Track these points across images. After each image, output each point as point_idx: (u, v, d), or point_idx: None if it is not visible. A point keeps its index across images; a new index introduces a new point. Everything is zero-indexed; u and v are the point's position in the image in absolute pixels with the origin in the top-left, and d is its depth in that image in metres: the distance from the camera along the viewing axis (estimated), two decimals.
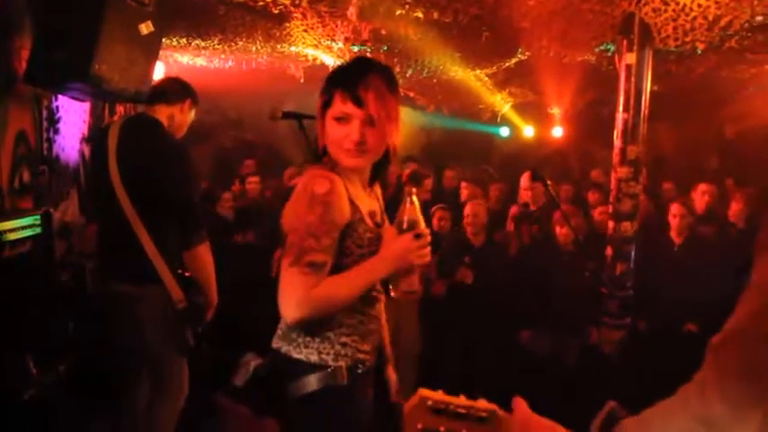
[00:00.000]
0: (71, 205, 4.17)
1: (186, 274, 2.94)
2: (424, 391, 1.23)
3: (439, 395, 1.22)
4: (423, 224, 1.91)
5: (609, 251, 4.90)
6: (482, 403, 1.23)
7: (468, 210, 5.12)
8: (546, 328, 4.86)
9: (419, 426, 1.20)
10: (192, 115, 3.21)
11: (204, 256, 2.92)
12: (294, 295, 1.70)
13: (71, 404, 3.15)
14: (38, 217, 3.16)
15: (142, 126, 3.08)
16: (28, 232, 3.08)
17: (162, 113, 3.07)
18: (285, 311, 1.72)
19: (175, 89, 3.17)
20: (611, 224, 4.91)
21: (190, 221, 2.88)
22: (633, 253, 4.85)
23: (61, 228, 3.80)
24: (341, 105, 1.81)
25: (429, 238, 1.91)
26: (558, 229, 5.07)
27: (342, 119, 1.81)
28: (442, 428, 1.20)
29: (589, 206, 6.43)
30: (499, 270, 4.89)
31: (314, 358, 1.84)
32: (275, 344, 1.90)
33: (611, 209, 4.95)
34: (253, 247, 5.22)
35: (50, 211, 3.31)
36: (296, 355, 1.84)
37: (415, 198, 1.92)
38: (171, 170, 2.87)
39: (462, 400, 1.22)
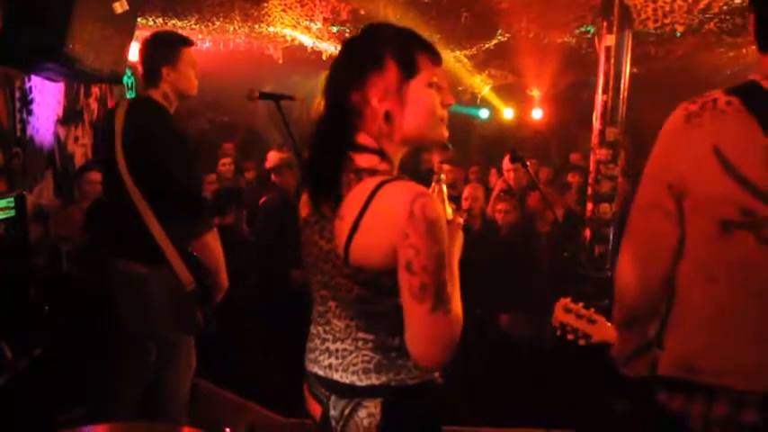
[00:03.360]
0: (46, 188, 4.12)
1: (195, 253, 2.93)
2: (563, 299, 2.04)
3: (567, 301, 2.03)
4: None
5: (587, 233, 4.93)
6: (592, 311, 2.02)
7: (467, 193, 5.10)
8: (525, 311, 4.88)
9: (557, 320, 2.02)
10: (186, 69, 2.97)
11: (212, 243, 2.91)
12: (445, 339, 1.48)
13: (51, 387, 3.13)
14: (11, 200, 3.12)
15: (146, 111, 2.95)
16: (1, 215, 3.04)
17: (157, 95, 2.95)
18: (436, 358, 1.50)
19: (147, 69, 2.97)
20: (589, 206, 4.94)
21: (194, 210, 2.85)
22: (612, 235, 4.89)
23: (36, 211, 3.75)
24: (432, 69, 1.59)
25: None
26: (537, 210, 5.09)
27: (434, 85, 1.59)
28: (567, 323, 2.00)
29: (568, 188, 6.46)
30: (490, 253, 4.90)
31: (424, 375, 1.63)
32: (375, 379, 1.58)
33: (589, 191, 4.98)
34: (230, 228, 5.19)
35: (24, 194, 3.26)
36: (412, 382, 1.60)
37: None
38: (174, 158, 2.80)
39: (581, 306, 2.02)
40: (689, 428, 1.35)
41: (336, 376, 1.63)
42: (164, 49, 2.97)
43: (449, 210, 1.71)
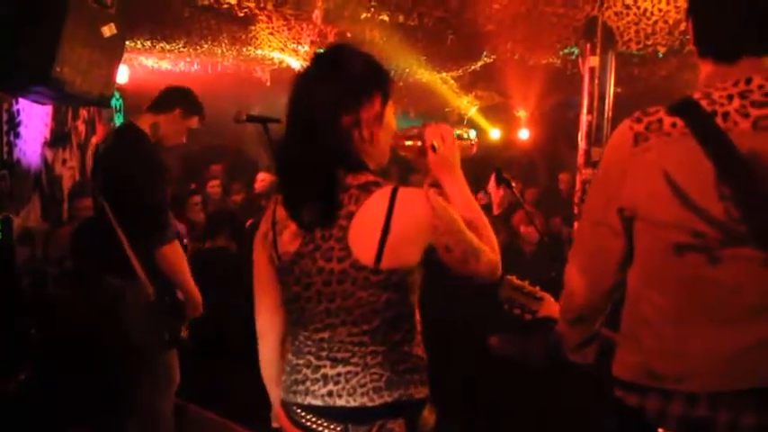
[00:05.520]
0: (33, 210, 4.11)
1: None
2: (510, 276, 1.96)
3: (515, 279, 1.98)
4: None
5: None
6: (537, 288, 1.98)
7: None
8: (514, 330, 4.88)
9: (503, 295, 1.96)
10: (186, 125, 3.18)
11: (169, 256, 2.92)
12: (493, 258, 1.66)
13: (38, 411, 3.11)
14: None
15: (120, 134, 3.15)
16: None
17: (145, 121, 3.06)
18: (498, 270, 1.69)
19: (163, 98, 3.15)
20: (576, 225, 4.97)
21: (150, 222, 2.90)
22: None
23: (23, 233, 3.74)
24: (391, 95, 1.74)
25: None
26: (522, 229, 5.12)
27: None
28: (515, 298, 1.96)
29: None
30: None
31: (426, 390, 1.67)
32: (386, 397, 1.60)
33: (575, 210, 5.02)
34: (223, 250, 5.19)
35: (11, 217, 3.26)
36: (418, 396, 1.64)
37: None
38: (135, 171, 2.91)
39: (527, 284, 1.98)
40: (646, 420, 1.40)
41: (341, 402, 1.60)
42: (191, 98, 3.18)
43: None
